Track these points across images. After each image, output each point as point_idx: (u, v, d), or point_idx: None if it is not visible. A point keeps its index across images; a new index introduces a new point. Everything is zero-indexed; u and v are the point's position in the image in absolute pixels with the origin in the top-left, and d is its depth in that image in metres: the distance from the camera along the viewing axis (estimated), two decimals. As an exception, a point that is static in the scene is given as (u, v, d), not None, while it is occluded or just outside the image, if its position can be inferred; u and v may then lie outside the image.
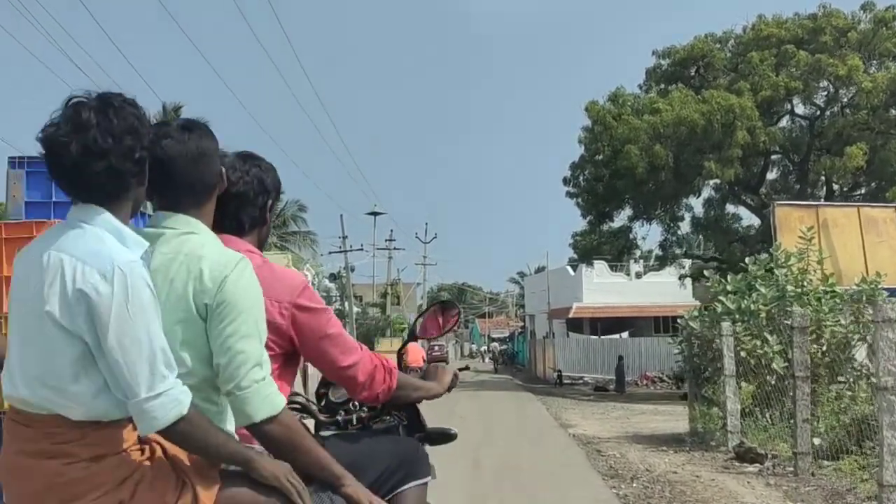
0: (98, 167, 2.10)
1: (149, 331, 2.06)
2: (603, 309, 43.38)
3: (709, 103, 27.04)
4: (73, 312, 2.04)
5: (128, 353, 2.04)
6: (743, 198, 30.81)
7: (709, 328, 13.32)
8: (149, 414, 2.05)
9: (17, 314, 2.15)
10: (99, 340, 2.04)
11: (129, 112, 2.17)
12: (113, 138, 2.11)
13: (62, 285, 2.05)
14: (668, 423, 17.04)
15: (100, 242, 2.10)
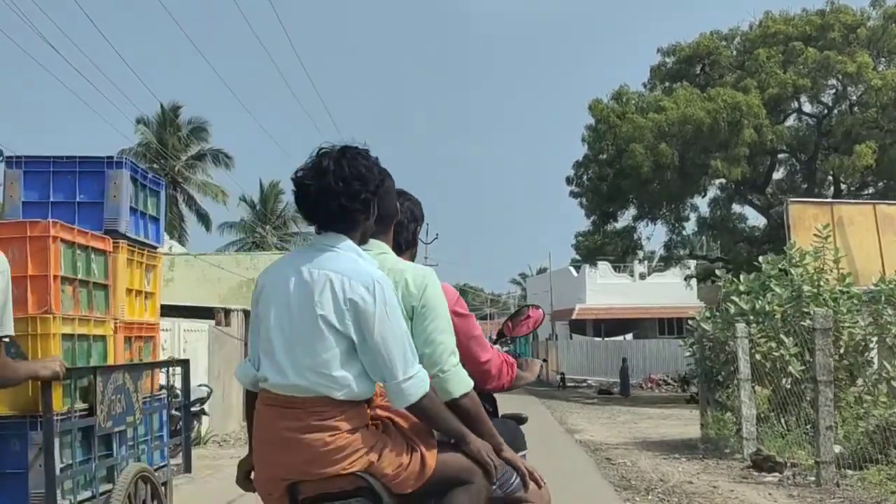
0: (331, 205, 2.74)
1: (400, 328, 2.72)
2: (606, 310, 42.85)
3: (715, 101, 26.53)
4: (344, 316, 2.66)
5: (388, 346, 2.67)
6: (749, 197, 30.28)
7: (721, 330, 12.79)
8: (404, 392, 2.69)
9: (282, 318, 2.74)
10: (364, 337, 2.66)
11: (359, 162, 2.78)
12: (343, 183, 2.73)
13: (333, 295, 2.67)
14: (677, 429, 16.52)
15: (355, 262, 2.75)
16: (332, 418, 2.68)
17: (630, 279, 44.56)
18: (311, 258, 2.78)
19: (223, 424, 15.65)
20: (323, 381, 2.69)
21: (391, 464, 2.73)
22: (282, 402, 2.73)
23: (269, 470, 2.79)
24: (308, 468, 2.70)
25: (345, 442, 2.68)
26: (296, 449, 2.69)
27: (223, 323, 15.95)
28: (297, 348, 2.71)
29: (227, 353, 16.14)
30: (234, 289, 26.28)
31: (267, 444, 2.78)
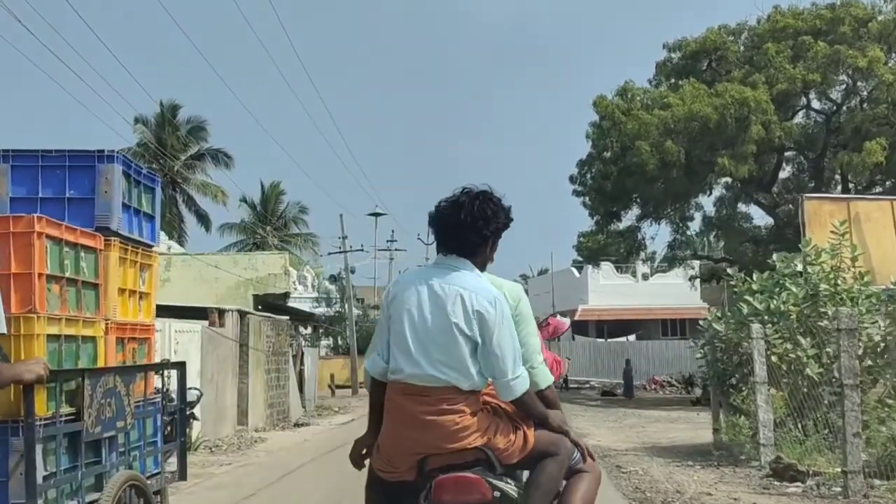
0: (460, 234, 3.46)
1: (512, 336, 3.42)
2: (609, 311, 42.33)
3: (722, 97, 25.97)
4: (472, 324, 3.33)
5: (503, 350, 3.35)
6: (755, 196, 29.69)
7: (734, 330, 12.23)
8: (512, 388, 3.40)
9: (416, 322, 3.38)
10: (485, 341, 3.33)
11: (489, 205, 3.47)
12: (472, 219, 3.43)
13: (463, 307, 3.35)
14: (686, 433, 15.97)
15: (478, 281, 3.45)
16: (459, 403, 3.34)
17: (633, 280, 44.05)
18: (440, 275, 3.47)
19: (216, 429, 15.11)
20: (453, 374, 3.35)
21: (503, 440, 3.41)
22: (417, 391, 3.37)
23: (404, 445, 3.40)
24: (440, 443, 3.34)
25: (469, 422, 3.34)
26: (431, 428, 3.33)
27: (217, 324, 15.41)
28: (430, 346, 3.36)
29: (221, 355, 15.60)
30: (232, 289, 25.75)
31: (404, 425, 3.40)
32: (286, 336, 20.16)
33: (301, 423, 19.33)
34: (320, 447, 13.86)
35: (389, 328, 3.49)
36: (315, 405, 25.36)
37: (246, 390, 16.89)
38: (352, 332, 34.66)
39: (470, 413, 3.36)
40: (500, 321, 3.38)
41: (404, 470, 3.42)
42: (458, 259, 3.51)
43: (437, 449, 3.35)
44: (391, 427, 3.46)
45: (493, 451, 3.39)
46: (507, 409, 3.52)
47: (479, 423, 3.37)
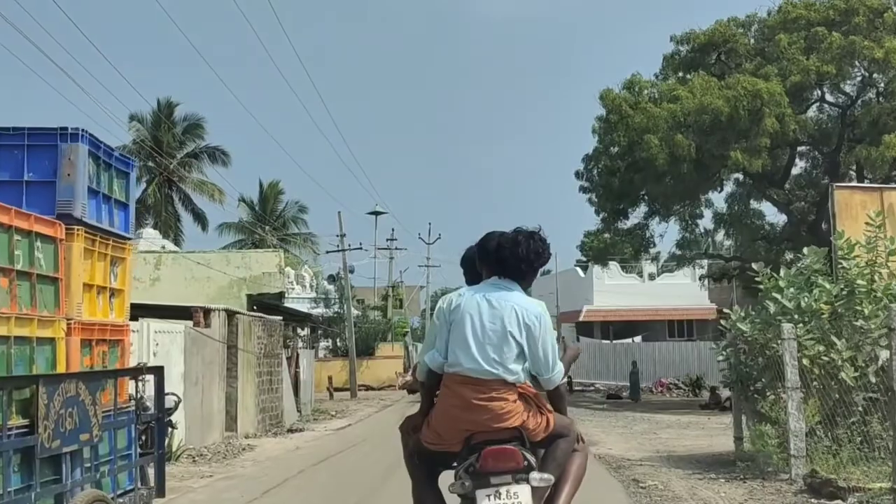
0: (515, 264, 4.51)
1: (553, 343, 4.47)
2: (615, 312, 41.37)
3: (734, 88, 24.99)
4: (522, 332, 4.35)
5: (546, 353, 4.40)
6: (768, 192, 28.69)
7: (761, 331, 11.26)
8: (552, 380, 4.50)
9: (476, 327, 4.37)
10: (531, 346, 4.35)
11: (538, 244, 4.55)
12: (525, 253, 4.50)
13: (516, 318, 4.36)
14: (702, 440, 15.00)
15: (527, 299, 4.49)
16: (504, 392, 4.33)
17: (639, 280, 43.09)
18: (496, 293, 4.47)
19: (202, 436, 14.15)
20: (503, 370, 4.33)
21: (533, 422, 4.37)
22: (473, 381, 4.33)
23: (456, 424, 4.35)
24: (489, 423, 4.30)
25: (511, 407, 4.33)
26: (482, 411, 4.30)
27: (202, 324, 14.45)
28: (487, 347, 4.33)
29: (207, 357, 14.64)
30: (225, 289, 24.81)
31: (458, 407, 4.35)
32: (279, 337, 19.20)
33: (295, 428, 18.36)
34: (311, 457, 12.90)
35: (450, 330, 4.43)
36: (312, 409, 24.41)
37: (235, 394, 15.93)
38: (350, 333, 33.65)
39: (512, 401, 4.33)
40: (544, 331, 4.43)
41: (452, 443, 4.38)
42: (511, 282, 4.52)
43: (485, 427, 4.29)
44: (445, 408, 4.42)
45: (525, 431, 4.34)
46: (538, 401, 4.48)
47: (518, 408, 4.34)
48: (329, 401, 29.94)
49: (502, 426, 4.31)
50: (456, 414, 4.35)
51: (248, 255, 25.56)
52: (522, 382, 4.40)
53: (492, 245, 4.61)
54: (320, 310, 39.02)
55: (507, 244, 4.53)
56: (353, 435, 16.74)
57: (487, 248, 4.65)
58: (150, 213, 49.50)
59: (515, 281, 4.53)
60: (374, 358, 37.62)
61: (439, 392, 4.50)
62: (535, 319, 4.39)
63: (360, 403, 27.68)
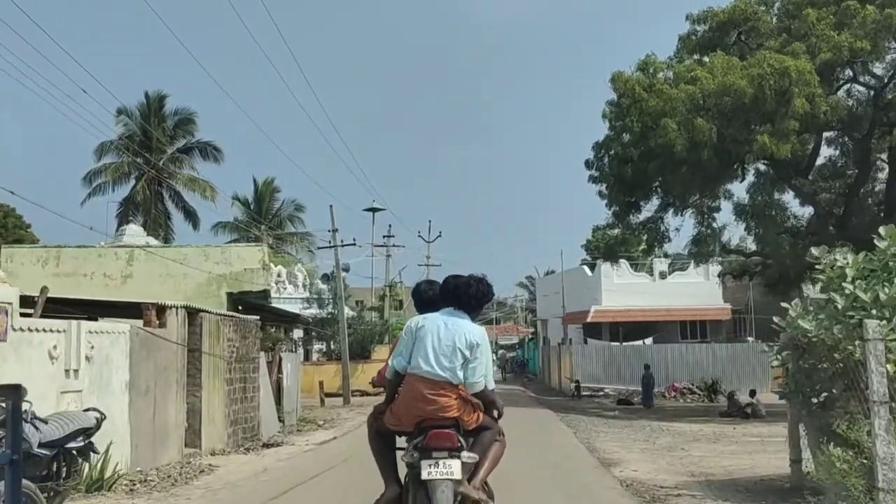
0: (467, 300, 6.11)
1: (488, 358, 6.11)
2: (624, 312, 39.20)
3: (759, 66, 22.83)
4: (468, 348, 5.87)
5: (482, 365, 5.95)
6: (794, 182, 26.50)
7: (827, 329, 9.08)
8: (472, 386, 5.96)
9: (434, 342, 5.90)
10: (473, 358, 5.88)
11: (483, 287, 6.21)
12: (476, 293, 6.15)
13: (465, 339, 5.89)
14: (742, 459, 12.84)
15: (473, 325, 6.06)
16: (450, 391, 5.85)
17: (649, 279, 40.89)
18: (451, 318, 6.05)
19: (154, 455, 12.00)
20: (450, 374, 5.83)
21: (467, 416, 5.91)
22: (427, 380, 5.85)
23: (412, 411, 5.90)
24: (435, 412, 5.81)
25: (453, 403, 5.84)
26: (431, 402, 5.82)
27: (154, 323, 12.29)
28: (441, 357, 5.86)
29: (161, 362, 12.49)
30: (203, 286, 22.70)
31: (414, 398, 5.88)
32: (255, 339, 17.04)
33: (272, 442, 16.21)
34: (276, 484, 10.71)
35: (415, 342, 6.00)
36: (298, 418, 22.24)
37: (199, 405, 13.79)
38: (343, 335, 31.47)
39: (454, 398, 5.89)
40: (483, 350, 6.02)
41: (407, 425, 5.98)
42: (462, 313, 6.14)
43: (432, 415, 5.85)
44: (405, 399, 5.96)
45: (461, 421, 5.91)
46: (472, 401, 6.00)
47: (457, 404, 5.90)
48: (320, 408, 27.78)
49: (445, 416, 5.81)
50: (412, 404, 5.89)
51: (229, 250, 23.41)
52: (462, 385, 5.94)
53: (451, 285, 6.19)
54: (313, 310, 36.87)
55: (461, 286, 6.15)
56: (335, 451, 14.59)
57: (448, 287, 6.21)
58: (138, 210, 47.43)
59: (465, 312, 6.12)
60: (371, 361, 35.50)
61: (401, 388, 6.02)
62: (478, 340, 5.99)
63: (353, 411, 25.51)
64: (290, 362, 21.39)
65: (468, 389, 5.92)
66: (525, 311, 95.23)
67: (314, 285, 40.39)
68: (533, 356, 57.69)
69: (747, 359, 35.15)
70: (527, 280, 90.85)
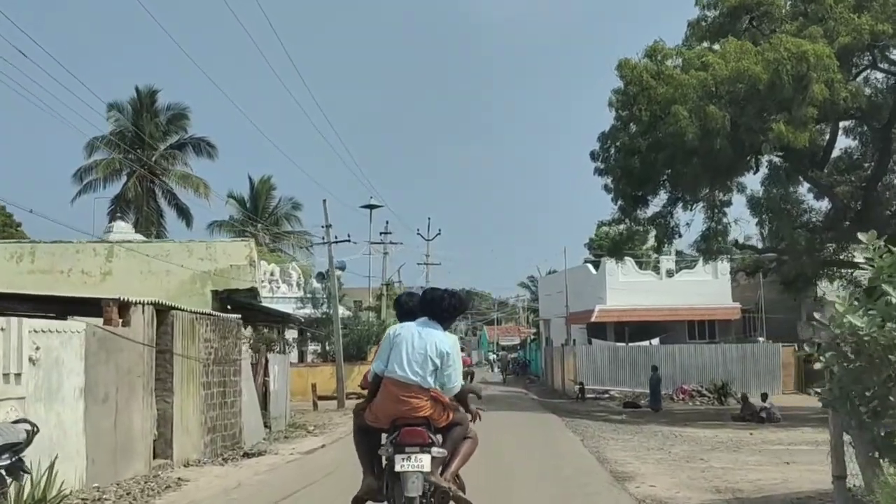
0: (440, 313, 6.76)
1: (459, 364, 6.70)
2: (630, 312, 37.89)
3: (776, 50, 21.58)
4: (439, 356, 6.49)
5: (454, 370, 6.59)
6: (809, 174, 25.23)
7: (880, 327, 7.80)
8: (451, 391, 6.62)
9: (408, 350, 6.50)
10: (445, 365, 6.51)
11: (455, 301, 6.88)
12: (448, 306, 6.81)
13: (435, 346, 6.50)
14: (770, 471, 11.58)
15: (444, 334, 6.71)
16: (420, 393, 6.38)
17: (655, 277, 39.59)
18: (425, 329, 6.63)
19: (115, 469, 10.74)
20: (421, 379, 6.41)
21: (437, 414, 6.47)
22: (401, 384, 6.40)
23: (387, 411, 6.47)
24: (408, 412, 6.37)
25: (424, 404, 6.38)
26: (404, 403, 6.39)
27: (116, 321, 11.02)
28: (413, 363, 6.44)
29: (124, 364, 11.22)
30: (186, 283, 21.39)
31: (390, 400, 6.45)
32: (236, 339, 15.78)
33: (255, 451, 14.95)
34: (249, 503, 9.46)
35: (391, 350, 6.58)
36: (287, 423, 20.99)
37: (170, 412, 12.52)
38: (337, 335, 30.19)
39: (425, 399, 6.45)
40: (453, 357, 6.61)
41: (384, 422, 6.55)
42: (436, 323, 6.72)
43: (406, 415, 6.43)
44: (382, 400, 6.53)
45: (431, 420, 6.49)
46: (443, 401, 6.54)
47: (428, 405, 6.46)
48: (312, 412, 26.52)
49: (416, 415, 6.46)
50: (387, 404, 6.54)
51: (214, 246, 22.10)
52: (433, 388, 6.53)
53: (427, 297, 6.94)
54: (308, 310, 35.61)
55: (436, 299, 6.87)
56: (321, 462, 13.33)
57: (425, 298, 6.96)
58: (129, 208, 46.18)
59: (439, 322, 6.77)
60: (367, 363, 34.32)
61: (380, 389, 6.64)
62: (447, 349, 6.62)
63: (346, 415, 24.21)
64: (278, 364, 20.14)
65: (447, 394, 6.61)
66: (527, 311, 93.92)
67: (309, 284, 39.10)
68: (535, 357, 56.34)
69: (758, 360, 33.88)
70: (528, 280, 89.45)
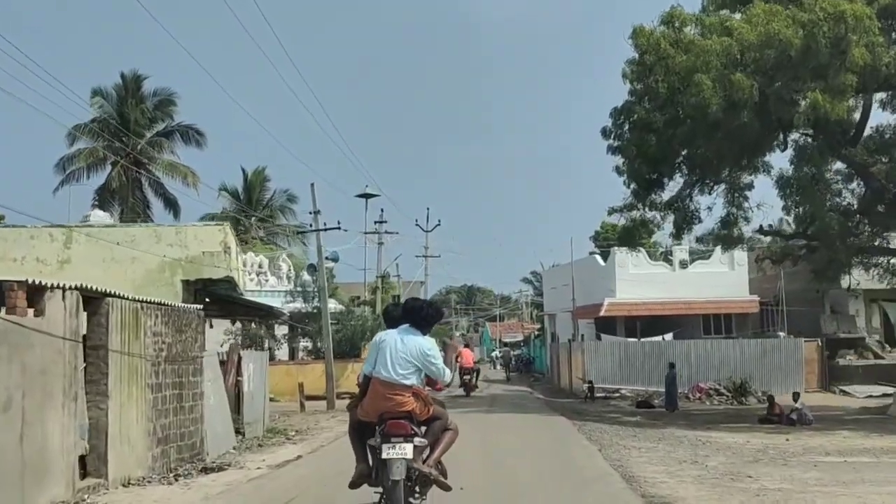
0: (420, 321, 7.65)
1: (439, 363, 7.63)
2: (641, 305, 35.63)
3: (810, 11, 19.32)
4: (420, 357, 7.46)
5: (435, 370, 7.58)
6: (843, 152, 22.97)
7: None
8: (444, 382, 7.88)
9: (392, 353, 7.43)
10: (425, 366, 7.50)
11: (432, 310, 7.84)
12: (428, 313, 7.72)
13: (416, 351, 7.45)
14: (841, 496, 9.32)
15: (425, 339, 7.61)
16: (403, 391, 7.27)
17: (668, 268, 37.30)
18: (406, 335, 7.48)
19: (23, 495, 8.52)
20: (403, 378, 7.31)
21: (419, 409, 7.36)
22: (386, 383, 7.31)
23: (375, 406, 7.36)
24: (393, 408, 7.27)
25: (407, 400, 7.26)
26: (389, 400, 7.30)
27: (23, 310, 8.78)
28: (397, 365, 7.33)
29: (35, 364, 8.97)
30: (154, 272, 19.16)
31: (377, 397, 7.35)
32: (196, 333, 13.54)
33: (217, 464, 12.71)
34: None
35: (378, 353, 7.47)
36: (266, 428, 18.78)
37: (104, 420, 10.29)
38: (327, 329, 27.91)
39: (407, 396, 7.33)
40: (433, 355, 7.51)
41: (373, 417, 7.39)
42: (416, 329, 7.56)
43: (391, 409, 7.30)
44: (370, 397, 7.45)
45: (413, 414, 7.36)
46: (423, 397, 7.45)
47: (410, 400, 7.34)
48: (300, 413, 24.31)
49: (400, 410, 7.35)
50: (375, 401, 7.45)
51: (184, 231, 19.86)
52: (415, 386, 7.45)
53: (408, 307, 7.80)
54: (298, 304, 33.40)
55: (416, 309, 7.73)
56: (287, 482, 11.07)
57: (406, 308, 7.82)
58: (114, 198, 43.94)
59: (419, 328, 7.62)
60: (362, 360, 32.22)
61: (368, 388, 7.56)
62: (427, 351, 7.52)
63: (335, 418, 22.03)
64: (254, 362, 17.93)
65: (442, 384, 7.92)
66: (530, 306, 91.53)
67: (299, 277, 36.86)
68: (539, 354, 54.14)
69: (779, 356, 31.63)
70: (531, 276, 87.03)
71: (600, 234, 57.52)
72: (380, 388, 7.34)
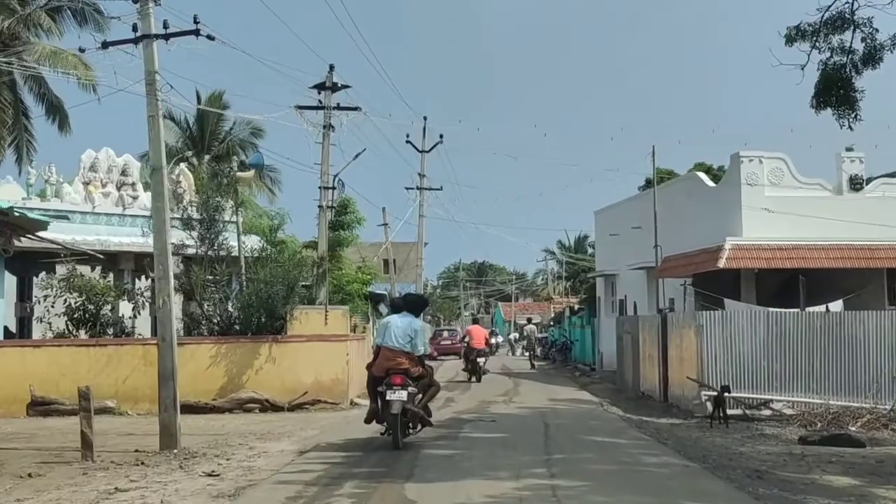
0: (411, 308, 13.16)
1: (426, 336, 13.80)
2: (785, 251, 20.74)
3: None
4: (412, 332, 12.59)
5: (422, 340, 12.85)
6: None
7: None
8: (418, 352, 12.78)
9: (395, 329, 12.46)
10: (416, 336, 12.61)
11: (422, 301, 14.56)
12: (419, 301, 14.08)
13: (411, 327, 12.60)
14: None
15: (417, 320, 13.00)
16: (402, 355, 12.33)
17: (827, 191, 22.15)
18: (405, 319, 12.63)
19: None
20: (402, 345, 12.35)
21: (413, 368, 12.35)
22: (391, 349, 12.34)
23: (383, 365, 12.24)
24: (394, 366, 12.22)
25: (404, 361, 12.31)
26: (392, 361, 12.26)
27: None
28: (398, 338, 12.37)
29: None
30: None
31: (384, 358, 12.29)
32: None
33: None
34: None
35: (385, 330, 12.39)
36: None
37: None
38: (164, 273, 13.13)
39: (406, 359, 12.15)
40: (421, 332, 12.56)
41: (381, 372, 12.14)
42: (411, 314, 12.64)
43: (394, 367, 12.04)
44: (380, 359, 12.33)
45: (409, 371, 12.10)
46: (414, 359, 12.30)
47: (407, 361, 12.14)
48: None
49: (399, 368, 11.88)
50: (383, 361, 12.05)
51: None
52: (411, 351, 12.06)
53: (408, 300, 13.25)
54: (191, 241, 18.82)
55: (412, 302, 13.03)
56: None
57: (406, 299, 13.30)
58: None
59: (412, 313, 12.54)
60: (289, 340, 17.55)
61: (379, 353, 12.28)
62: (419, 328, 12.38)
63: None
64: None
65: (415, 353, 12.25)
66: (556, 279, 76.46)
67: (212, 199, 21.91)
68: (581, 336, 38.98)
69: None
70: (557, 246, 72.08)
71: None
72: (387, 353, 12.11)
